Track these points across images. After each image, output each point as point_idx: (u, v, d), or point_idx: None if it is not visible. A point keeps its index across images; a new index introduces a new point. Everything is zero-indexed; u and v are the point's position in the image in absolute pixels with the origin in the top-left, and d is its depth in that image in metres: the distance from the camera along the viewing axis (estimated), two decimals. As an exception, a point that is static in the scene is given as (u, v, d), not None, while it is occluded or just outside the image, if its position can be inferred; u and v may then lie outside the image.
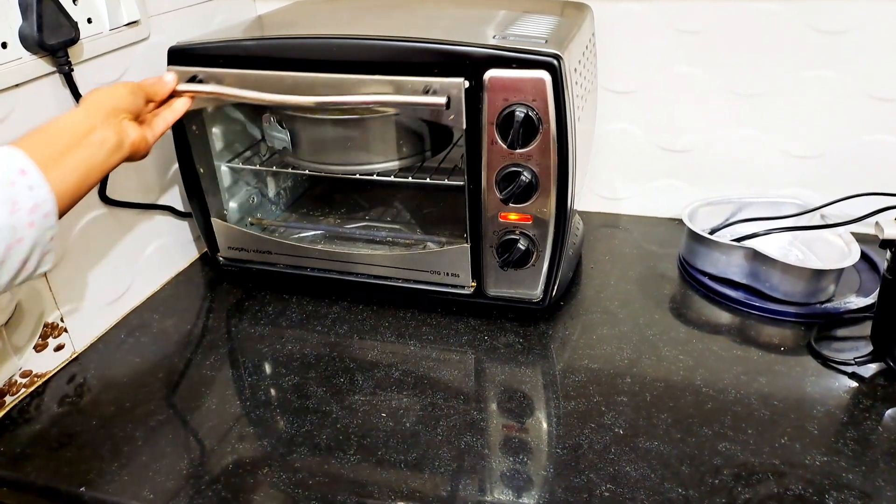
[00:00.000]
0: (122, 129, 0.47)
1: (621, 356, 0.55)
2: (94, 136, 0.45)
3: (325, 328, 0.61)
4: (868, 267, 0.65)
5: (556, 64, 0.49)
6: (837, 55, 0.65)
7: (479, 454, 0.47)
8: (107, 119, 0.46)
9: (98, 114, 0.46)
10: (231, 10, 0.74)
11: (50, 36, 0.50)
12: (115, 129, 0.46)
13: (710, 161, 0.73)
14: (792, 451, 0.46)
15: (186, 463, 0.47)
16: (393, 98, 0.51)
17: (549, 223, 0.54)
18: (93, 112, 0.46)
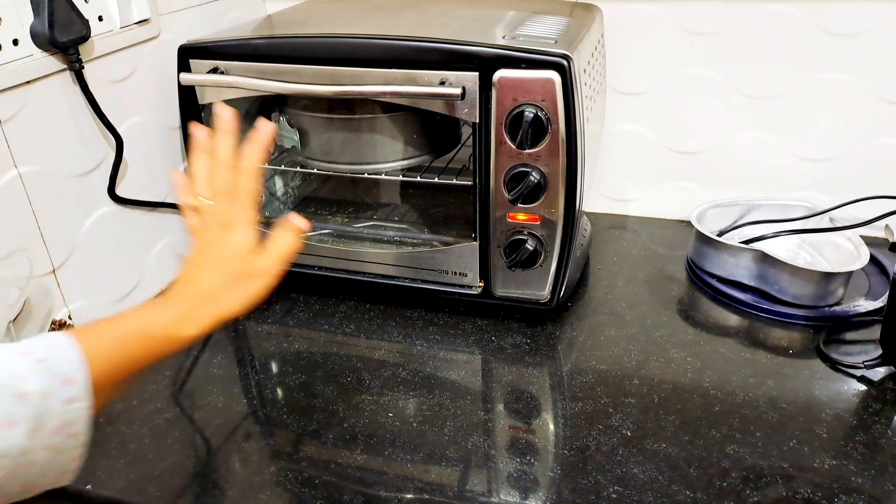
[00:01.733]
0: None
1: (629, 358, 0.55)
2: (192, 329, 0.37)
3: (332, 327, 0.61)
4: (877, 270, 0.64)
5: (566, 64, 0.49)
6: (849, 58, 0.65)
7: (486, 455, 0.46)
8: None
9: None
10: (241, 9, 0.75)
11: (61, 33, 0.50)
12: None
13: (719, 163, 0.73)
14: (801, 454, 0.45)
15: (193, 461, 0.47)
16: (409, 89, 0.51)
17: (557, 224, 0.54)
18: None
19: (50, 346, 0.32)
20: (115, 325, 0.36)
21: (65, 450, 0.32)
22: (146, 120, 0.63)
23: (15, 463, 0.30)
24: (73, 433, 0.32)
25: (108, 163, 0.59)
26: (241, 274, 0.39)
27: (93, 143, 0.57)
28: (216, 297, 0.38)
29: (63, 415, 0.31)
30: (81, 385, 0.32)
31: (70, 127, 0.55)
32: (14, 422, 0.29)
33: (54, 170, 0.54)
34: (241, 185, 0.40)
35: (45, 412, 0.30)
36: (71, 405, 0.31)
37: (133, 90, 0.61)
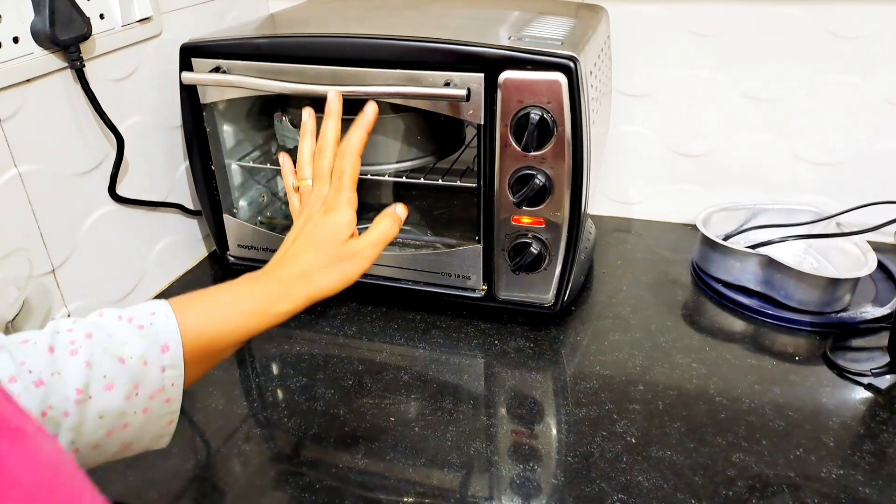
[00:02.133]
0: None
1: (633, 363, 0.55)
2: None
3: (333, 329, 0.61)
4: (884, 276, 0.64)
5: (573, 66, 0.48)
6: (856, 61, 0.64)
7: (489, 460, 0.46)
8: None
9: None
10: (243, 8, 0.74)
11: (62, 31, 0.50)
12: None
13: (725, 166, 0.72)
14: (807, 463, 0.45)
15: (193, 464, 0.46)
16: (414, 90, 0.50)
17: (562, 227, 0.53)
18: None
19: (150, 313, 0.33)
20: (211, 298, 0.36)
21: (158, 415, 0.33)
22: (147, 119, 0.63)
23: (112, 424, 0.31)
24: (166, 399, 0.32)
25: (108, 162, 0.59)
26: (339, 255, 0.39)
27: (93, 143, 0.57)
28: (312, 276, 0.38)
29: (158, 381, 0.32)
30: (177, 353, 0.32)
31: (71, 126, 0.54)
32: (112, 384, 0.31)
33: (54, 169, 0.53)
34: (342, 168, 0.41)
35: (141, 377, 0.31)
36: (166, 372, 0.32)
37: (134, 89, 0.61)
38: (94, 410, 0.30)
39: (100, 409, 0.30)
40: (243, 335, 0.36)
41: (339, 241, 0.39)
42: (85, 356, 0.30)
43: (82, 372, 0.30)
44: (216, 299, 0.36)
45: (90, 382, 0.30)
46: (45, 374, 0.29)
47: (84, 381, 0.30)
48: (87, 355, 0.30)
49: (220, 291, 0.37)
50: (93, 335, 0.31)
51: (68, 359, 0.30)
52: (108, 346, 0.31)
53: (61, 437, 0.29)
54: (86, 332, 0.31)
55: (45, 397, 0.29)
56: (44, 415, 0.29)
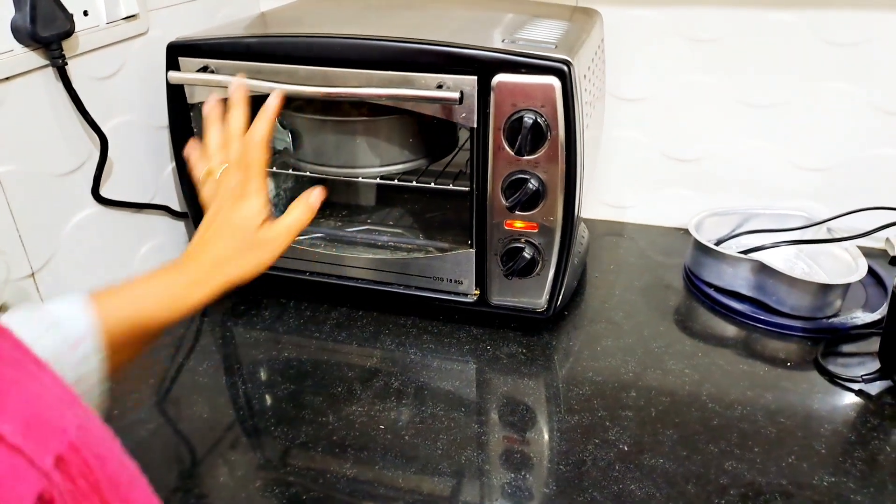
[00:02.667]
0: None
1: (626, 369, 0.54)
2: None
3: (323, 334, 0.60)
4: (874, 282, 0.64)
5: (567, 70, 0.47)
6: (850, 68, 0.64)
7: (480, 469, 0.45)
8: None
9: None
10: (234, 6, 0.73)
11: (43, 28, 0.48)
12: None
13: (718, 171, 0.72)
14: (799, 470, 0.45)
15: (176, 475, 0.45)
16: (406, 92, 0.49)
17: (555, 231, 0.53)
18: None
19: (64, 309, 0.34)
20: (128, 289, 0.37)
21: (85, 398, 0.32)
22: (133, 119, 0.61)
23: None
24: (88, 386, 0.33)
25: (92, 162, 0.57)
26: (251, 242, 0.40)
27: (76, 142, 0.56)
28: (225, 264, 0.39)
29: (74, 373, 0.32)
30: (90, 344, 0.33)
31: (52, 125, 0.53)
32: None
33: (35, 169, 0.52)
34: (251, 156, 0.42)
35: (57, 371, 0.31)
36: (82, 364, 0.33)
37: (120, 88, 0.59)
38: None
39: None
40: (162, 322, 0.37)
41: (251, 228, 0.40)
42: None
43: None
44: (134, 290, 0.37)
45: None
46: None
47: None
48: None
49: (136, 283, 0.38)
50: None
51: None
52: None
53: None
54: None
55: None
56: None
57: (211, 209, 0.42)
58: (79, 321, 0.33)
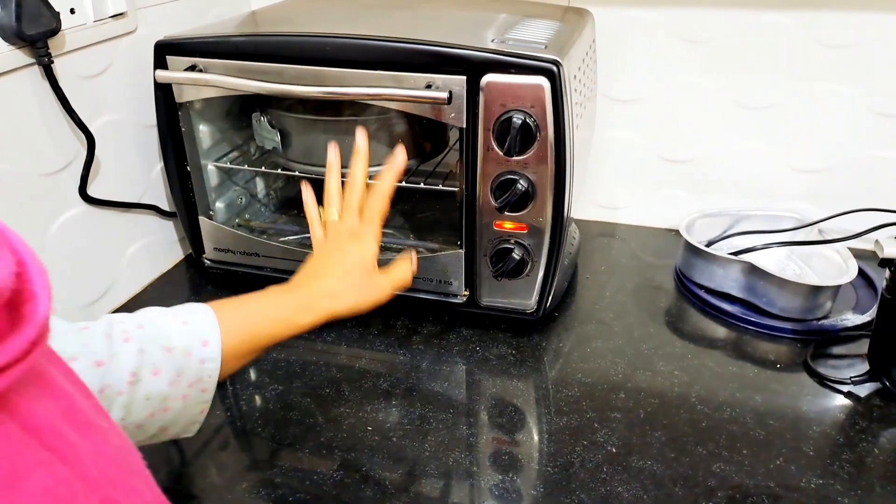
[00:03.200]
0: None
1: (615, 370, 0.54)
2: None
3: (311, 335, 0.59)
4: (864, 283, 0.64)
5: (556, 70, 0.47)
6: (843, 69, 0.64)
7: (468, 471, 0.45)
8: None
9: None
10: (225, 5, 0.72)
11: (29, 26, 0.48)
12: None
13: (711, 172, 0.72)
14: (787, 472, 0.44)
15: (162, 475, 0.45)
16: (395, 92, 0.49)
17: (544, 232, 0.53)
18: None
19: (192, 312, 0.38)
20: (244, 304, 0.41)
21: (195, 403, 0.37)
22: (121, 118, 0.61)
23: (156, 406, 0.35)
24: (203, 388, 0.37)
25: (79, 161, 0.57)
26: (362, 282, 0.44)
27: (63, 141, 0.55)
28: (336, 295, 0.43)
29: (198, 371, 0.36)
30: (215, 347, 0.37)
31: (38, 124, 0.53)
32: (159, 370, 0.35)
33: (20, 168, 0.52)
34: (373, 204, 0.46)
35: (184, 366, 0.36)
36: (204, 364, 0.36)
37: (107, 87, 0.59)
38: (143, 392, 0.34)
39: (147, 391, 0.34)
40: (270, 339, 0.40)
41: (365, 268, 0.45)
42: (137, 344, 0.34)
43: (135, 357, 0.34)
44: (249, 305, 0.41)
45: (141, 367, 0.34)
46: (104, 356, 0.33)
47: (136, 366, 0.34)
48: (139, 343, 0.34)
49: (252, 299, 0.41)
50: (143, 326, 0.35)
51: (123, 345, 0.34)
52: (156, 337, 0.35)
53: (113, 414, 0.33)
54: (137, 324, 0.35)
55: (104, 376, 0.33)
56: (101, 391, 0.32)
57: (325, 245, 0.46)
58: (207, 324, 0.37)
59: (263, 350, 0.41)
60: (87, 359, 0.33)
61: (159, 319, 0.37)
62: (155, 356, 0.35)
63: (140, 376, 0.34)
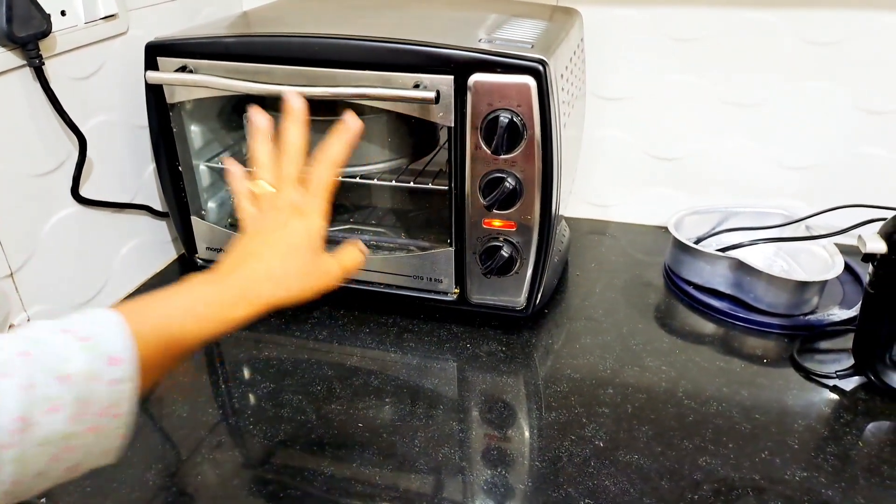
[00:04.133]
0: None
1: (604, 366, 0.55)
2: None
3: (303, 333, 0.60)
4: (851, 279, 0.65)
5: (542, 69, 0.48)
6: (830, 67, 0.65)
7: (457, 466, 0.46)
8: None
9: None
10: (216, 5, 0.73)
11: (19, 28, 0.48)
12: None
13: (700, 170, 0.73)
14: (772, 466, 0.45)
15: (154, 473, 0.45)
16: (383, 92, 0.50)
17: (533, 230, 0.53)
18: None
19: (94, 323, 0.30)
20: (163, 302, 0.34)
21: (108, 431, 0.30)
22: (113, 118, 0.61)
23: (58, 448, 0.28)
24: (116, 414, 0.30)
25: (71, 162, 0.57)
26: (309, 265, 0.38)
27: (55, 142, 0.55)
28: (278, 280, 0.36)
29: (108, 396, 0.29)
30: (128, 365, 0.30)
31: (29, 125, 0.53)
32: (57, 406, 0.27)
33: (12, 169, 0.52)
34: (320, 174, 0.39)
35: (88, 394, 0.28)
36: (117, 386, 0.29)
37: (99, 88, 0.59)
38: (38, 437, 0.27)
39: (44, 434, 0.27)
40: (196, 341, 0.34)
41: (311, 248, 0.38)
42: (22, 378, 0.27)
43: (21, 396, 0.26)
44: (167, 303, 0.34)
45: (32, 407, 0.27)
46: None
47: (25, 408, 0.26)
48: (26, 377, 0.27)
49: (172, 295, 0.34)
50: (30, 353, 0.28)
51: (2, 383, 0.26)
52: (47, 364, 0.28)
53: (3, 471, 0.26)
54: (19, 350, 0.28)
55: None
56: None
57: (258, 222, 0.39)
58: (115, 338, 0.30)
59: (192, 351, 0.34)
60: None
61: (49, 339, 0.29)
62: (49, 389, 0.27)
63: (32, 419, 0.26)
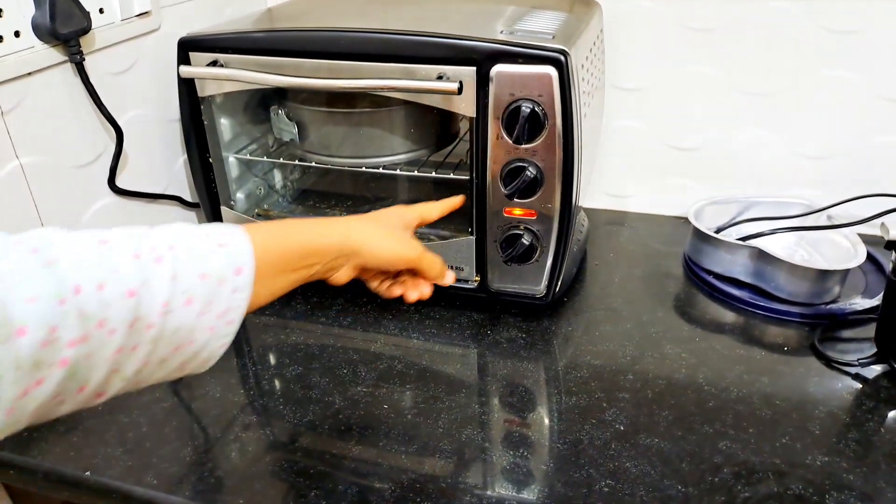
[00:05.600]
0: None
1: (624, 353, 0.55)
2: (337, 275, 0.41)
3: (329, 320, 0.62)
4: (874, 268, 0.64)
5: (563, 60, 0.49)
6: (849, 55, 0.64)
7: (480, 447, 0.47)
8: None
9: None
10: (242, 2, 0.75)
11: (62, 25, 0.51)
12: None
13: (719, 160, 0.73)
14: (793, 450, 0.45)
15: (190, 450, 0.47)
16: (406, 83, 0.51)
17: (553, 219, 0.54)
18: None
19: (227, 234, 0.33)
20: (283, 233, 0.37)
21: (219, 335, 0.33)
22: (146, 112, 0.64)
23: (183, 339, 0.31)
24: (229, 321, 0.33)
25: (108, 154, 0.59)
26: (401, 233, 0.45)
27: (93, 135, 0.58)
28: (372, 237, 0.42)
29: (227, 301, 0.32)
30: (248, 277, 0.33)
31: (70, 118, 0.55)
32: (191, 300, 0.31)
33: (55, 161, 0.54)
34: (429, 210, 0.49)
35: (214, 296, 0.32)
36: (236, 294, 0.32)
37: (133, 82, 0.61)
38: (172, 325, 0.30)
39: (177, 324, 0.30)
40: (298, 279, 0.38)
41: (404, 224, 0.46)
42: (170, 268, 0.30)
43: (168, 284, 0.30)
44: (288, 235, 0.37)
45: (174, 296, 0.30)
46: (136, 283, 0.29)
47: (169, 295, 0.30)
48: (172, 267, 0.30)
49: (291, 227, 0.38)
50: (175, 247, 0.31)
51: (155, 268, 0.29)
52: (190, 260, 0.31)
53: (140, 351, 0.29)
54: (168, 244, 0.31)
55: (136, 308, 0.28)
56: (132, 325, 0.28)
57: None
58: (243, 251, 0.33)
59: (288, 289, 0.37)
60: (117, 286, 0.28)
61: (192, 240, 0.32)
62: (189, 282, 0.30)
63: (172, 306, 0.30)
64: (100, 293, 0.27)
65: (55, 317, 0.26)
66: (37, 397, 0.26)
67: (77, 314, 0.26)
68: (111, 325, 0.28)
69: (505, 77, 0.50)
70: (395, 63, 0.52)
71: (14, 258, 0.26)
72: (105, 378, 0.29)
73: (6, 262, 0.26)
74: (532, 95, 0.50)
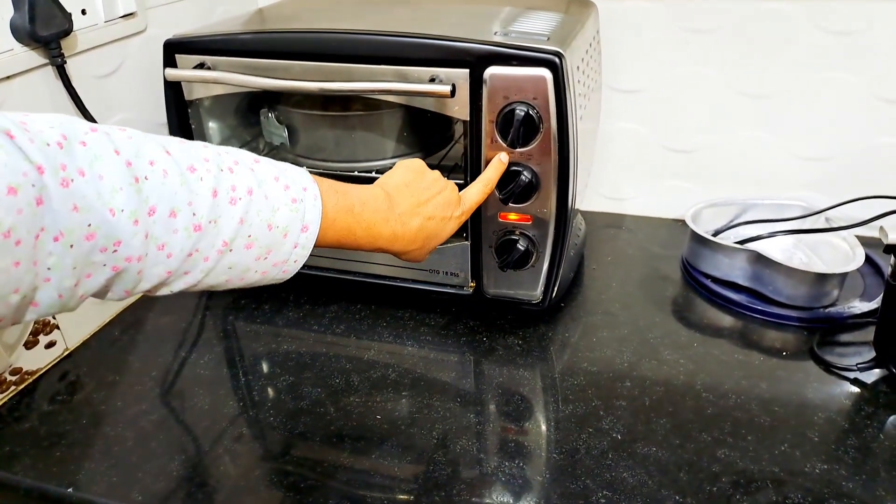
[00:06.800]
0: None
1: (621, 359, 0.55)
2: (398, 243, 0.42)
3: (321, 327, 0.61)
4: (872, 271, 0.64)
5: (558, 62, 0.48)
6: (847, 57, 0.64)
7: (475, 458, 0.46)
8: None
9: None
10: (232, 3, 0.73)
11: (42, 27, 0.49)
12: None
13: (717, 162, 0.72)
14: (792, 458, 0.45)
15: (178, 464, 0.46)
16: (399, 86, 0.50)
17: (549, 224, 0.53)
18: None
19: (302, 188, 0.35)
20: (349, 195, 0.39)
21: (269, 278, 0.35)
22: (133, 116, 0.62)
23: (235, 275, 0.34)
24: (285, 270, 0.35)
25: (93, 160, 0.58)
26: (425, 252, 0.46)
27: (77, 140, 0.56)
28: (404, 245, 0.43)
29: (287, 254, 0.34)
30: (312, 236, 0.35)
31: (53, 123, 0.54)
32: (251, 245, 0.33)
33: (37, 167, 0.53)
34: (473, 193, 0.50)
35: (276, 246, 0.34)
36: (297, 250, 0.35)
37: (119, 85, 0.60)
38: (228, 261, 0.32)
39: (233, 261, 0.32)
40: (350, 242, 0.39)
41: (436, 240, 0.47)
42: (241, 211, 0.32)
43: (235, 227, 0.32)
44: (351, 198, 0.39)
45: (237, 237, 0.32)
46: (205, 220, 0.30)
47: (232, 235, 0.32)
48: (243, 211, 0.32)
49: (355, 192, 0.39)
50: (253, 192, 0.32)
51: (228, 208, 0.31)
52: (262, 210, 0.33)
53: (190, 276, 0.31)
54: (248, 187, 0.32)
55: (197, 241, 0.30)
56: (189, 255, 0.30)
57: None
58: (312, 209, 0.35)
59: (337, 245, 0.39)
60: (188, 218, 0.30)
61: (270, 188, 0.33)
62: (254, 229, 0.32)
63: (233, 246, 0.32)
64: (170, 220, 0.29)
65: (125, 234, 0.28)
66: (88, 287, 0.28)
67: (143, 234, 0.28)
68: (170, 250, 0.30)
69: (499, 79, 0.49)
70: (388, 65, 0.51)
71: (110, 168, 0.28)
72: (152, 287, 0.31)
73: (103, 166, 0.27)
74: (526, 98, 0.49)
